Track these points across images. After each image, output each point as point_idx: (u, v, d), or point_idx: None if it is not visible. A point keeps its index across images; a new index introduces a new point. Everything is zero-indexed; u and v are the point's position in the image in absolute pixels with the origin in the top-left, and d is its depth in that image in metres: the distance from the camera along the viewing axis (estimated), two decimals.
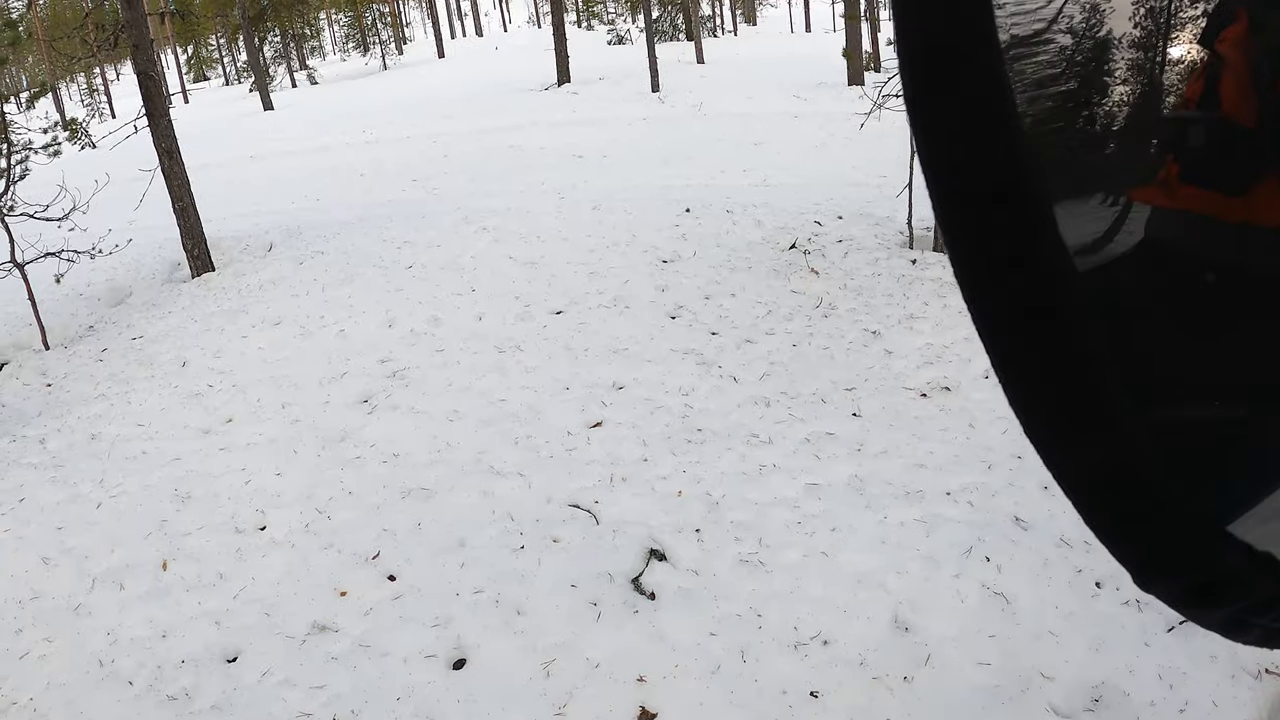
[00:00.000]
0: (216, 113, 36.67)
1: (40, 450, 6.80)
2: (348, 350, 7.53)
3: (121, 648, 4.68)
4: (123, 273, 11.06)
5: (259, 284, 9.72)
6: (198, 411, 6.91)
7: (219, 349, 7.99)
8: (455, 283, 8.79)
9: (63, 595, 5.17)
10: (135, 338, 8.87)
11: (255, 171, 19.25)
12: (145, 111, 10.19)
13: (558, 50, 25.92)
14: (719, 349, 7.07)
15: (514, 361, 7.09)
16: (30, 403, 7.87)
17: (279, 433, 6.36)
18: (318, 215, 13.34)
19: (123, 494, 5.95)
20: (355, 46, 58.00)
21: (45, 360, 8.79)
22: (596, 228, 10.04)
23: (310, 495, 5.58)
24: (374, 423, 6.37)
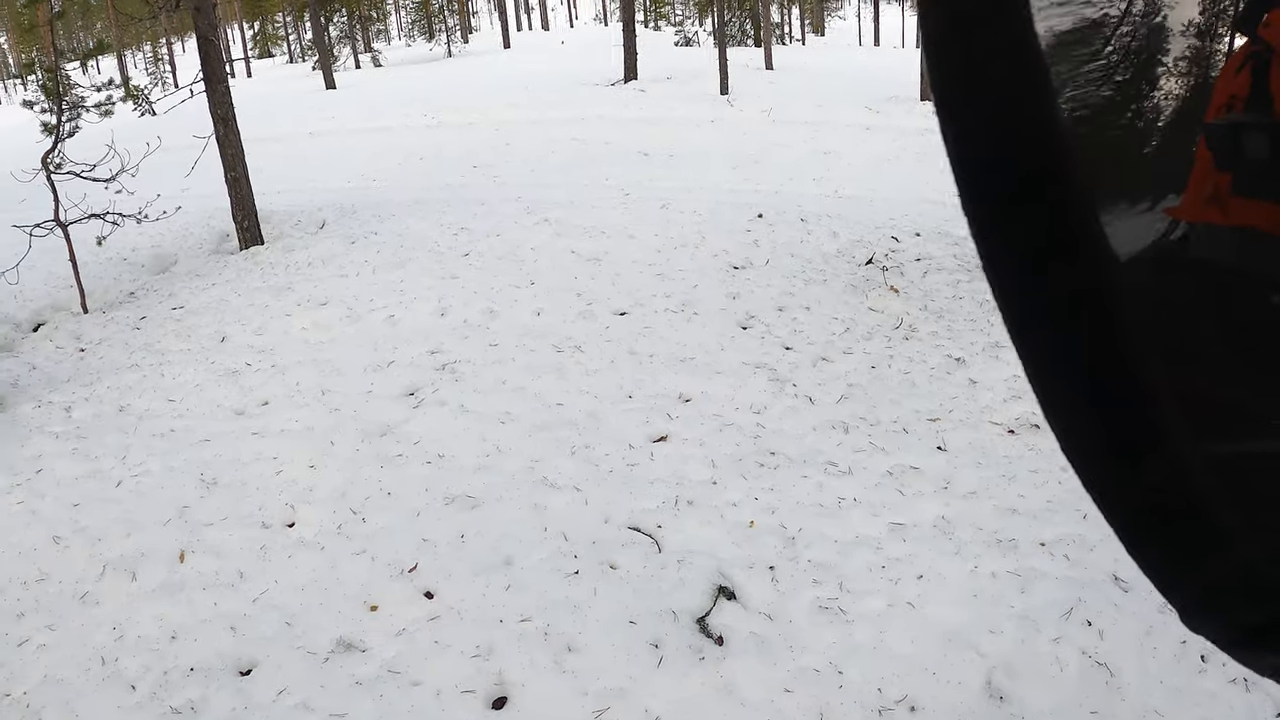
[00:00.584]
0: (278, 88, 36.79)
1: (64, 418, 6.49)
2: (396, 338, 7.15)
3: (127, 646, 4.32)
4: (169, 240, 10.79)
5: (308, 261, 9.39)
6: (233, 391, 6.56)
7: (261, 326, 7.65)
8: (513, 274, 8.40)
9: (70, 580, 4.83)
10: (175, 308, 8.58)
11: (313, 148, 19.05)
12: (203, 76, 9.94)
13: (626, 47, 25.60)
14: (793, 366, 6.62)
15: (573, 363, 6.67)
16: (61, 367, 7.58)
17: (316, 421, 5.98)
18: (374, 195, 13.05)
19: (145, 474, 5.60)
20: (421, 32, 58.23)
21: (81, 324, 8.52)
22: (664, 227, 9.62)
23: (345, 493, 5.18)
24: (419, 418, 5.97)
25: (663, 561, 4.55)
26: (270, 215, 11.00)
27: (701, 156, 15.42)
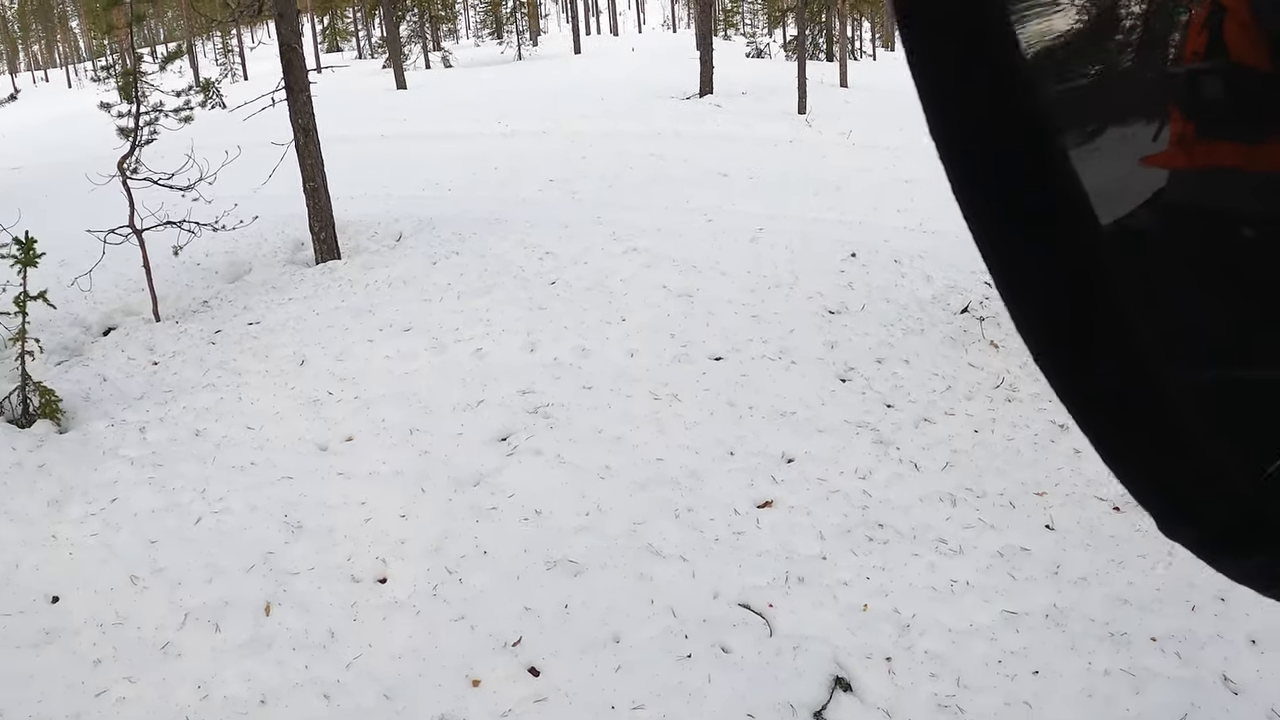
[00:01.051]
0: (350, 86, 37.02)
1: (139, 441, 6.37)
2: (485, 374, 6.95)
3: (212, 708, 4.18)
4: (244, 247, 10.71)
5: (388, 280, 9.24)
6: (316, 423, 6.40)
7: (342, 351, 7.49)
8: (603, 308, 8.18)
9: (150, 626, 4.70)
10: (251, 323, 8.47)
11: (386, 151, 19.07)
12: (285, 84, 9.92)
13: (703, 60, 25.41)
14: (895, 426, 6.36)
15: (671, 413, 6.44)
16: (134, 381, 7.47)
17: (406, 464, 5.79)
18: (450, 206, 12.96)
19: (226, 511, 5.46)
20: (491, 33, 58.64)
21: (154, 334, 8.42)
22: (756, 263, 9.37)
23: (439, 549, 4.98)
24: (513, 467, 5.76)
25: (776, 646, 4.35)
26: (346, 225, 10.89)
27: (782, 180, 15.17)
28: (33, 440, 6.36)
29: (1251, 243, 0.46)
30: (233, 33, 59.09)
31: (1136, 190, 0.44)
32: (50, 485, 5.88)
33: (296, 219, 10.75)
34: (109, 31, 9.48)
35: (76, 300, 9.20)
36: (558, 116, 22.25)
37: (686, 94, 25.41)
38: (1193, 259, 0.47)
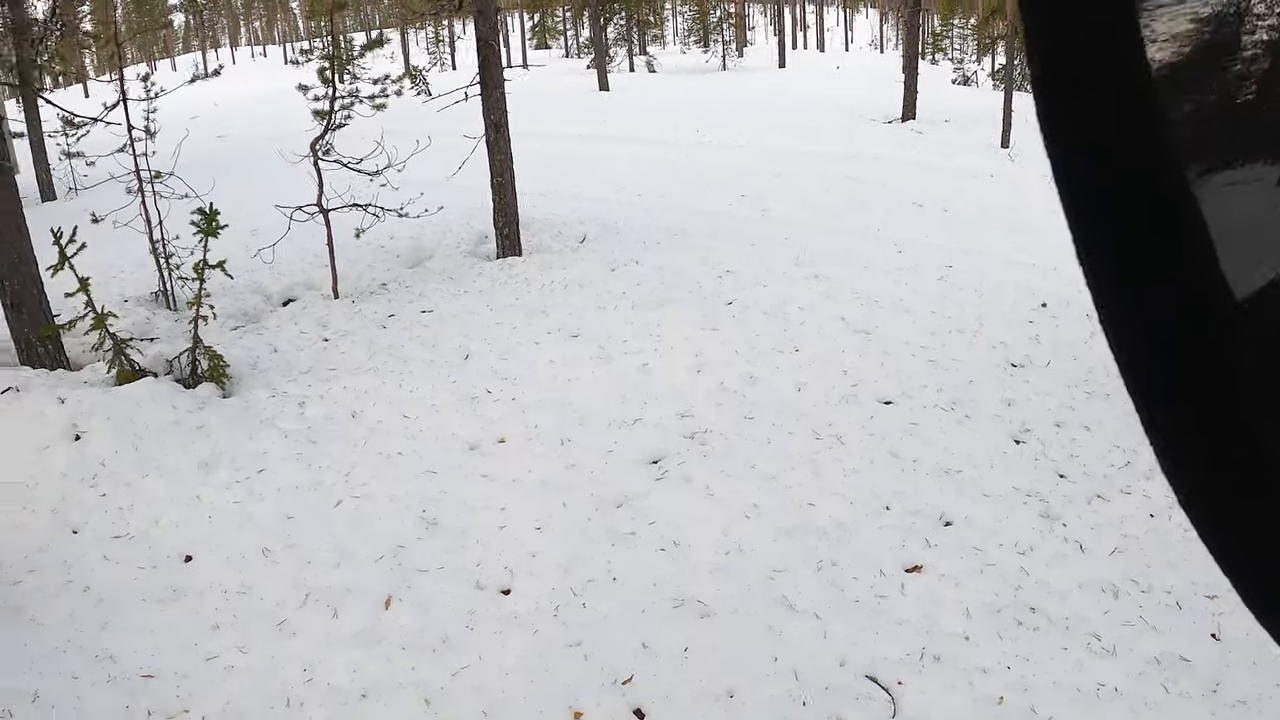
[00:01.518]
0: (553, 84, 37.80)
1: (296, 416, 6.65)
2: (646, 391, 6.92)
3: (315, 692, 4.28)
4: (429, 234, 11.05)
5: (564, 283, 9.35)
6: (470, 420, 6.51)
7: (508, 350, 7.61)
8: (777, 336, 8.04)
9: (272, 600, 4.87)
10: (425, 311, 8.73)
11: (579, 151, 19.44)
12: (480, 80, 10.20)
13: (907, 84, 24.85)
14: (1066, 500, 5.98)
15: (830, 456, 6.25)
16: (302, 355, 7.79)
17: (552, 475, 5.81)
18: (637, 214, 13.09)
19: (367, 498, 5.61)
20: (696, 41, 59.13)
21: (330, 310, 8.76)
22: (941, 303, 9.05)
23: (569, 569, 4.96)
24: (659, 493, 5.70)
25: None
26: (530, 222, 11.09)
27: (977, 216, 14.68)
28: (195, 401, 6.68)
29: None
30: (444, 23, 61.28)
31: None
32: (204, 447, 6.17)
33: (483, 212, 11.04)
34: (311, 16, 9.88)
35: (261, 270, 9.63)
36: (756, 130, 22.16)
37: (888, 118, 24.97)
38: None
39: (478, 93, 10.24)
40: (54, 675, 4.49)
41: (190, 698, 4.30)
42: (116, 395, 6.62)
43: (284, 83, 11.67)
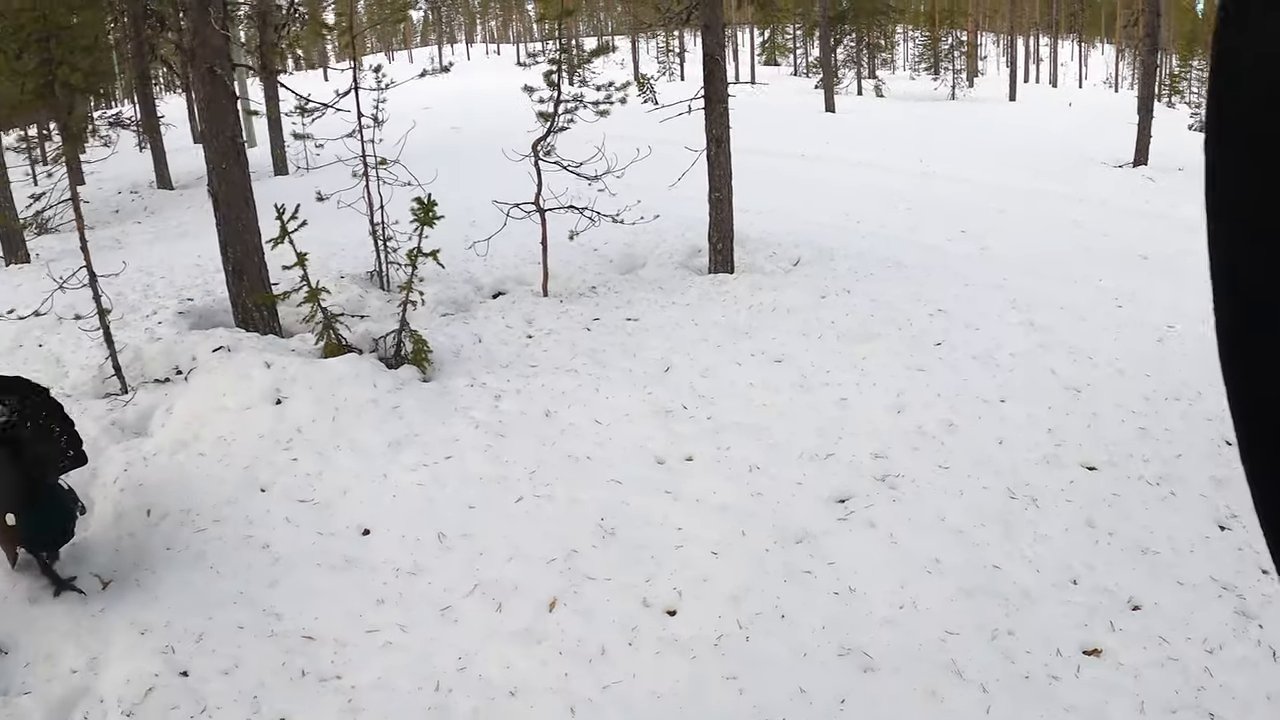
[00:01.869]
0: (779, 101, 37.87)
1: (491, 408, 6.86)
2: (843, 426, 6.80)
3: (466, 682, 4.37)
4: (642, 242, 11.21)
5: (772, 306, 9.30)
6: (660, 433, 6.54)
7: (708, 367, 7.62)
8: (983, 383, 7.77)
9: (440, 586, 5.03)
10: (630, 319, 8.87)
11: (799, 172, 19.48)
12: (704, 94, 10.33)
13: (1141, 126, 23.71)
14: (1265, 600, 5.50)
15: (1024, 518, 5.97)
16: (506, 349, 8.02)
17: (735, 500, 5.77)
18: (853, 240, 12.99)
19: (548, 499, 5.73)
20: (926, 68, 58.20)
21: (537, 308, 9.01)
22: (1158, 366, 8.53)
23: (738, 599, 4.90)
24: (842, 534, 5.57)
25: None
26: (745, 239, 11.11)
27: (1206, 274, 13.88)
28: (395, 382, 6.96)
29: None
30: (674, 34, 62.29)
31: None
32: (397, 427, 6.41)
33: (697, 224, 11.12)
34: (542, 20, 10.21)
35: (475, 261, 9.93)
36: (981, 164, 21.64)
37: (1119, 161, 23.95)
38: None
39: (701, 105, 10.36)
40: (221, 621, 4.78)
41: (345, 665, 4.49)
42: (321, 366, 6.96)
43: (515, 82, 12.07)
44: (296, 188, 11.07)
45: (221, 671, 4.47)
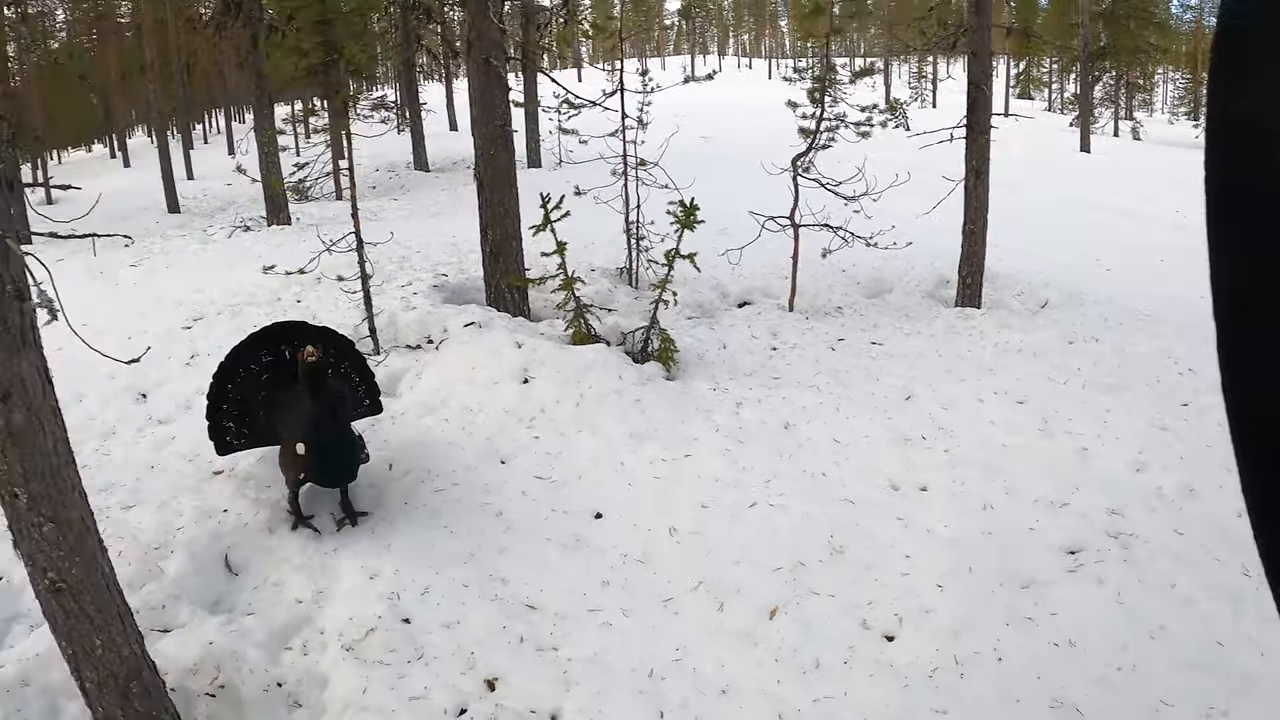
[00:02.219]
0: (1033, 137, 36.82)
1: (732, 414, 7.10)
2: (1080, 476, 6.64)
3: (680, 673, 4.52)
4: (891, 268, 11.20)
5: (1019, 347, 9.18)
6: (897, 460, 6.59)
7: (950, 400, 7.60)
8: (1228, 451, 7.40)
9: (664, 578, 5.25)
10: (874, 343, 9.01)
11: (1051, 211, 19.10)
12: (966, 123, 10.21)
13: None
14: None
15: (1257, 598, 5.69)
16: (749, 359, 8.23)
17: (966, 536, 5.74)
18: (1104, 286, 12.61)
19: (781, 509, 5.87)
20: (1186, 113, 55.30)
21: (782, 321, 9.26)
22: None
23: (958, 634, 4.90)
24: (1068, 586, 5.46)
25: None
26: (994, 275, 10.96)
27: None
28: (640, 376, 7.23)
29: None
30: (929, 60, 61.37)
31: None
32: (638, 420, 6.66)
33: (948, 255, 11.03)
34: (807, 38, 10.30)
35: (723, 269, 10.13)
36: None
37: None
38: None
39: (962, 135, 10.29)
40: (447, 579, 5.11)
41: (564, 638, 4.73)
42: (570, 352, 7.30)
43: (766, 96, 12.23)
44: (550, 180, 11.55)
45: (443, 624, 4.79)
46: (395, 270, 10.95)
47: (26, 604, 5.10)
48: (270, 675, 4.52)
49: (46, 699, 4.36)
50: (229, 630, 4.74)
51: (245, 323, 9.48)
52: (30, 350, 3.29)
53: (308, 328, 6.29)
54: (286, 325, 6.30)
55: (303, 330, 6.19)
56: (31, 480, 3.35)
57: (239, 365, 6.10)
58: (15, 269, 3.21)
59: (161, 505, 5.94)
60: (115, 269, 12.98)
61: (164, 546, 5.41)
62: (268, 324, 6.34)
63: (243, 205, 22.36)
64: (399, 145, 27.01)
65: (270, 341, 6.12)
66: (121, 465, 6.65)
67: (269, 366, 6.10)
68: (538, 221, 7.95)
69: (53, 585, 3.50)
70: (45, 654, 4.45)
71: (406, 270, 10.98)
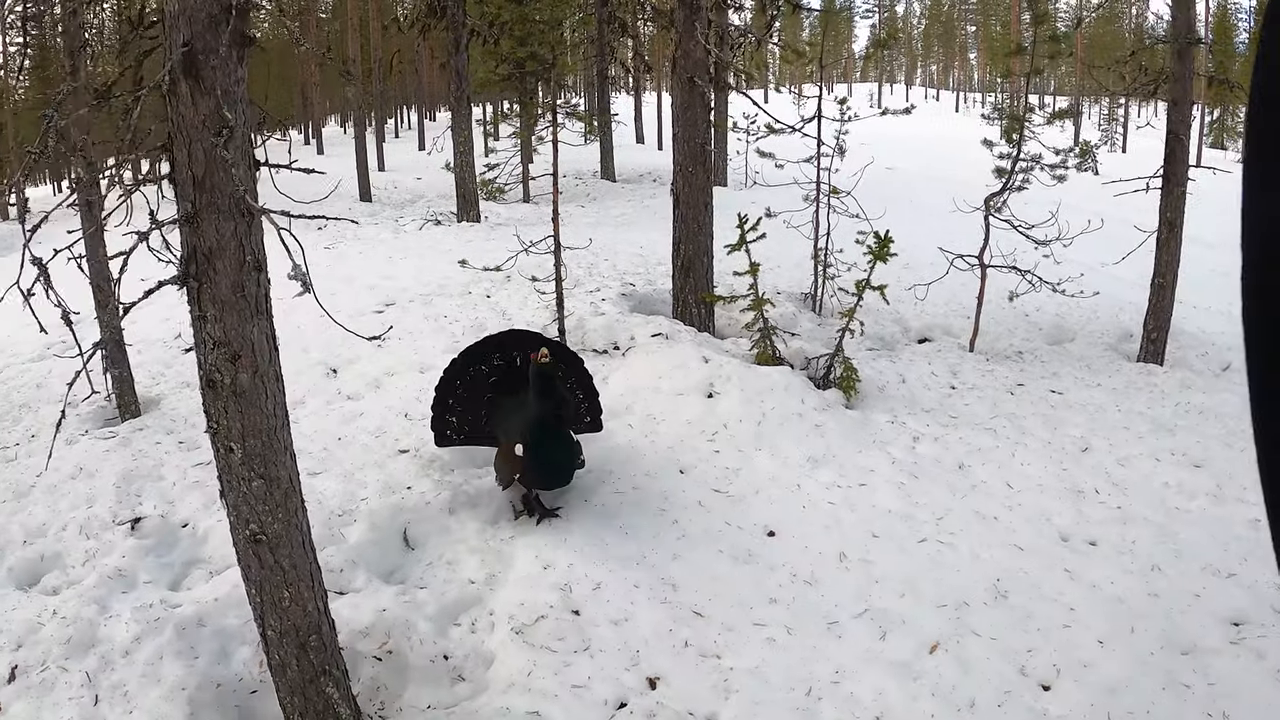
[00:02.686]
0: (1224, 190, 35.42)
1: (908, 448, 7.20)
2: (1250, 547, 6.42)
3: (836, 694, 4.61)
4: (1075, 316, 11.10)
5: (1199, 407, 8.98)
6: (1070, 512, 6.58)
7: (1126, 457, 7.56)
8: None
9: (830, 601, 5.31)
10: (1054, 391, 8.93)
11: (1238, 268, 18.13)
12: (1163, 173, 10.02)
13: None
14: None
15: None
16: (928, 394, 8.40)
17: (1131, 596, 5.72)
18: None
19: (950, 547, 5.95)
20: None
21: (963, 361, 9.33)
22: None
23: (1114, 691, 4.88)
24: (1228, 657, 5.26)
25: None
26: (1179, 332, 10.76)
27: None
28: (821, 401, 7.40)
29: None
30: (1120, 102, 59.54)
31: None
32: (816, 444, 6.83)
33: (1133, 308, 10.87)
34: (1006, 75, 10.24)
35: (906, 303, 10.17)
36: None
37: None
38: None
39: (1159, 184, 10.12)
40: (620, 578, 5.34)
41: (726, 647, 4.89)
42: (754, 371, 7.52)
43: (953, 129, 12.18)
44: (738, 200, 11.76)
45: (611, 621, 5.01)
46: (584, 275, 11.30)
47: (209, 551, 5.54)
48: (438, 647, 4.80)
49: (219, 641, 4.72)
50: (402, 600, 5.06)
51: (435, 311, 9.95)
52: (262, 317, 3.60)
53: (540, 338, 6.56)
54: (519, 333, 6.65)
55: (535, 340, 6.45)
56: (249, 437, 3.63)
57: (470, 365, 6.44)
58: (257, 242, 3.53)
59: (347, 476, 6.37)
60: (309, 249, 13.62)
61: (347, 514, 5.84)
62: (503, 329, 6.75)
63: (432, 200, 23.13)
64: (587, 154, 27.57)
65: (501, 346, 6.45)
66: (310, 435, 7.11)
67: (497, 370, 6.42)
68: (730, 240, 8.17)
69: (253, 536, 3.76)
70: (224, 599, 4.85)
71: (594, 276, 11.33)
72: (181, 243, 3.43)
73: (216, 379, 3.53)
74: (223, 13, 3.22)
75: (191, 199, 3.34)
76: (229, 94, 3.27)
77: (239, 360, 3.52)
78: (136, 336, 8.54)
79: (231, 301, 3.46)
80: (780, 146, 11.07)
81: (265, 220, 3.24)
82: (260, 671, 4.32)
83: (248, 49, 3.36)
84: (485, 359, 6.43)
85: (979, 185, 10.50)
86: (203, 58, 3.21)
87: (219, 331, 3.47)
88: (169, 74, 3.23)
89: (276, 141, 17.17)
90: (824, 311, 10.32)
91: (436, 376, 6.52)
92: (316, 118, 47.20)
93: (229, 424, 3.60)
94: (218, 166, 3.29)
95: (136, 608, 4.85)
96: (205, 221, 3.36)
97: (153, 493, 6.15)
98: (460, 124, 18.57)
